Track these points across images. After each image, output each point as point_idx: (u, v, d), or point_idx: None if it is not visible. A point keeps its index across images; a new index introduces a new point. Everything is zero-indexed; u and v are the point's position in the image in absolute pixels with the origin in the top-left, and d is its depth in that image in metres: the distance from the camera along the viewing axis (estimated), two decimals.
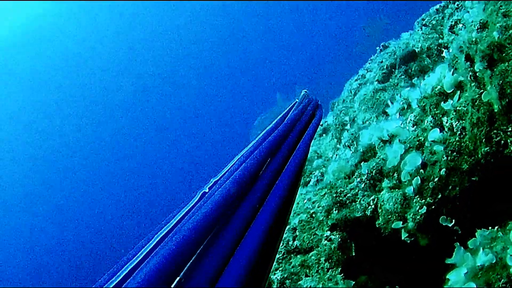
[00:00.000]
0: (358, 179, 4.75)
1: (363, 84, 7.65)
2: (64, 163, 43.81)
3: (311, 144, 2.53)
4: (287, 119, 2.55)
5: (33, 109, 46.37)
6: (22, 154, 44.72)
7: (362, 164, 4.82)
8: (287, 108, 2.83)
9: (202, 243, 1.43)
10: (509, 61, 3.82)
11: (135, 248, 1.55)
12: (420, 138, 4.46)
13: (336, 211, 4.67)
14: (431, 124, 4.41)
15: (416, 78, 6.52)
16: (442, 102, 4.36)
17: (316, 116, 2.86)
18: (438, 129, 4.32)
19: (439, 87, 4.46)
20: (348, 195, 4.74)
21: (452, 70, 4.37)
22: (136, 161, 43.83)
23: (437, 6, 7.57)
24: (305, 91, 3.10)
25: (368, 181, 4.66)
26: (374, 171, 4.65)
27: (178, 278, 1.30)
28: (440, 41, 6.96)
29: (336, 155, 6.80)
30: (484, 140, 4.01)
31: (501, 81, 3.82)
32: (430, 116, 4.45)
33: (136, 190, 40.12)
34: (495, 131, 3.96)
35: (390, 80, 7.15)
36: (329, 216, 4.67)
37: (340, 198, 4.74)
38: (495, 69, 3.87)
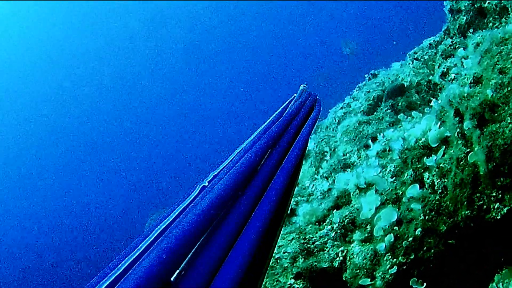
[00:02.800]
0: (329, 227, 4.48)
1: (348, 113, 7.41)
2: (58, 161, 43.49)
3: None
4: (285, 113, 2.58)
5: (23, 106, 46.08)
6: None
7: (334, 212, 4.54)
8: (286, 102, 2.88)
9: (202, 236, 1.42)
10: (500, 123, 3.56)
11: (134, 241, 1.55)
12: (398, 191, 4.19)
13: (303, 259, 4.38)
14: (411, 178, 4.14)
15: (402, 114, 6.28)
16: (425, 157, 4.08)
17: (315, 110, 2.88)
18: (418, 185, 4.05)
19: (423, 139, 4.19)
20: (317, 243, 4.46)
21: (439, 123, 4.10)
22: (131, 158, 43.53)
23: (431, 41, 7.36)
24: (304, 86, 3.14)
25: (339, 230, 4.39)
26: (346, 220, 4.38)
27: (178, 271, 1.30)
28: (430, 77, 6.73)
29: (313, 185, 6.52)
30: (465, 202, 3.74)
31: (490, 143, 3.55)
32: (411, 169, 4.17)
33: (133, 187, 39.78)
34: (478, 194, 3.70)
35: (376, 113, 6.90)
36: (295, 264, 4.38)
37: (308, 246, 4.46)
38: (485, 130, 3.61)
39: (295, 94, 3.05)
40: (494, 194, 3.63)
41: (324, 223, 4.60)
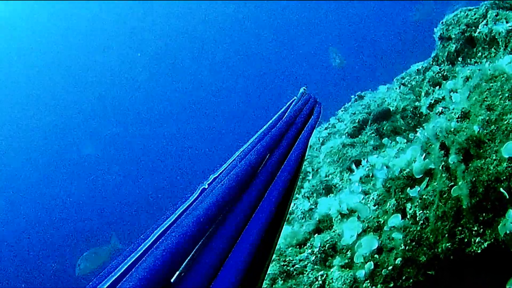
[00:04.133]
0: (310, 251, 4.48)
1: (332, 134, 7.42)
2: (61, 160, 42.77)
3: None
4: (286, 115, 2.59)
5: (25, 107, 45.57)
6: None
7: (315, 236, 4.55)
8: (286, 105, 2.89)
9: (201, 238, 1.43)
10: (486, 159, 3.60)
11: (134, 243, 1.56)
12: (380, 220, 4.21)
13: (282, 281, 4.38)
14: (394, 208, 4.16)
15: (386, 139, 6.32)
16: (409, 188, 4.11)
17: (315, 113, 2.91)
18: (400, 215, 4.07)
19: (407, 170, 4.21)
20: (297, 266, 4.46)
21: (424, 154, 4.13)
22: (132, 159, 42.88)
23: (419, 66, 7.40)
24: (304, 88, 3.16)
25: (319, 255, 4.39)
26: (327, 245, 4.39)
27: (178, 272, 1.31)
28: (416, 103, 6.77)
29: (294, 204, 6.53)
30: (447, 235, 3.77)
31: (474, 179, 3.59)
32: (394, 199, 4.20)
33: (133, 188, 39.09)
34: (459, 228, 3.73)
35: (360, 136, 6.93)
36: (274, 286, 4.39)
37: (288, 268, 4.46)
38: (470, 165, 3.65)
39: (295, 97, 3.06)
40: (475, 228, 3.66)
41: (305, 246, 4.61)
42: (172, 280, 1.29)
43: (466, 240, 3.72)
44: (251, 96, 45.97)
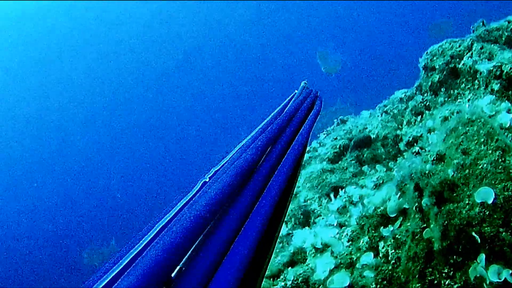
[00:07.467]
0: (283, 283, 4.48)
1: (313, 158, 7.43)
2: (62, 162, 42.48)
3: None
4: (286, 109, 2.58)
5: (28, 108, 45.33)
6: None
7: (289, 269, 4.55)
8: (287, 99, 2.89)
9: (202, 232, 1.43)
10: (458, 203, 3.63)
11: (136, 237, 1.55)
12: (353, 256, 4.22)
13: None
14: (367, 246, 4.18)
15: (366, 166, 6.34)
16: (382, 226, 4.13)
17: (316, 106, 2.90)
18: (372, 253, 4.09)
19: (382, 208, 4.23)
20: None
21: (399, 193, 4.15)
22: (133, 156, 42.60)
23: (402, 95, 7.43)
24: (305, 83, 3.17)
25: None
26: (300, 279, 4.39)
27: (178, 267, 1.31)
28: (398, 132, 6.80)
29: None
30: (417, 276, 3.79)
31: (446, 222, 3.62)
32: (367, 237, 4.21)
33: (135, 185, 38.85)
34: (430, 269, 3.75)
35: (340, 162, 6.94)
36: None
37: None
38: (442, 208, 3.68)
39: (296, 91, 3.06)
40: (446, 270, 3.68)
41: (278, 279, 4.61)
42: (172, 275, 1.28)
43: (436, 281, 3.74)
44: (251, 94, 45.93)
